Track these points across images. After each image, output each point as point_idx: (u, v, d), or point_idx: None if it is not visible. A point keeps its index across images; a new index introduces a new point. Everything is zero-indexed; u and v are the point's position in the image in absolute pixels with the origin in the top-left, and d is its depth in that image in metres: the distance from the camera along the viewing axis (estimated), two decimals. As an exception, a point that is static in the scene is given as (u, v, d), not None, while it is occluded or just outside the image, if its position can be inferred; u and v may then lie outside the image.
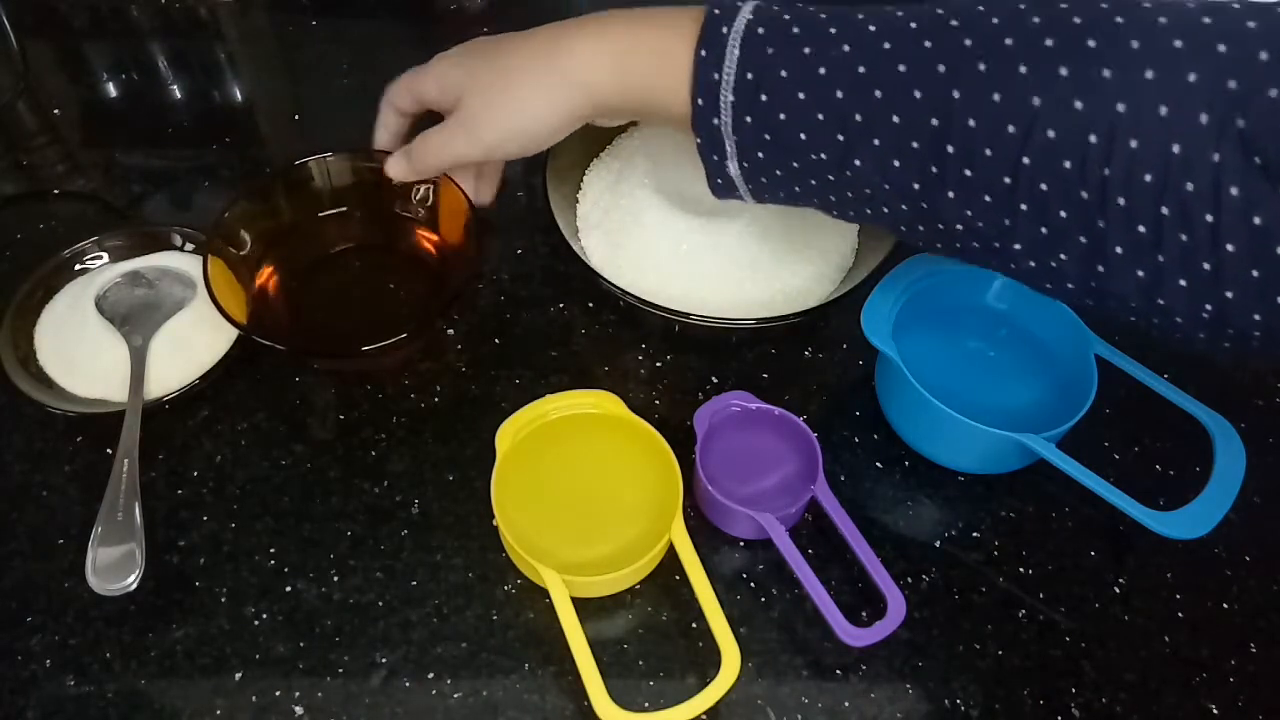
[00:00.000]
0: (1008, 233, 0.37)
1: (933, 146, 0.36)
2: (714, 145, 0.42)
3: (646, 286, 0.53)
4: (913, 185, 0.38)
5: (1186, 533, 0.43)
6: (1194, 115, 0.31)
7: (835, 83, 0.38)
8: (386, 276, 0.57)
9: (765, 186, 0.43)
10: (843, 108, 0.38)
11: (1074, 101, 0.33)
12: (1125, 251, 0.34)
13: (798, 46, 0.39)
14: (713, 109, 0.41)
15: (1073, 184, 0.34)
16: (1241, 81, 0.31)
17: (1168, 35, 0.32)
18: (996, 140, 0.35)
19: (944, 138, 0.36)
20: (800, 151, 0.40)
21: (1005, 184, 0.35)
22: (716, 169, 0.43)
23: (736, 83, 0.40)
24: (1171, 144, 0.32)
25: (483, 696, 0.43)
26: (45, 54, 0.73)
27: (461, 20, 0.77)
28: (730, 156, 0.42)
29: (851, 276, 0.56)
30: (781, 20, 0.40)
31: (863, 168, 0.38)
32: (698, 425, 0.49)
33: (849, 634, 0.43)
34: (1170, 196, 0.32)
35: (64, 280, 0.55)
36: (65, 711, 0.43)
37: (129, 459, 0.47)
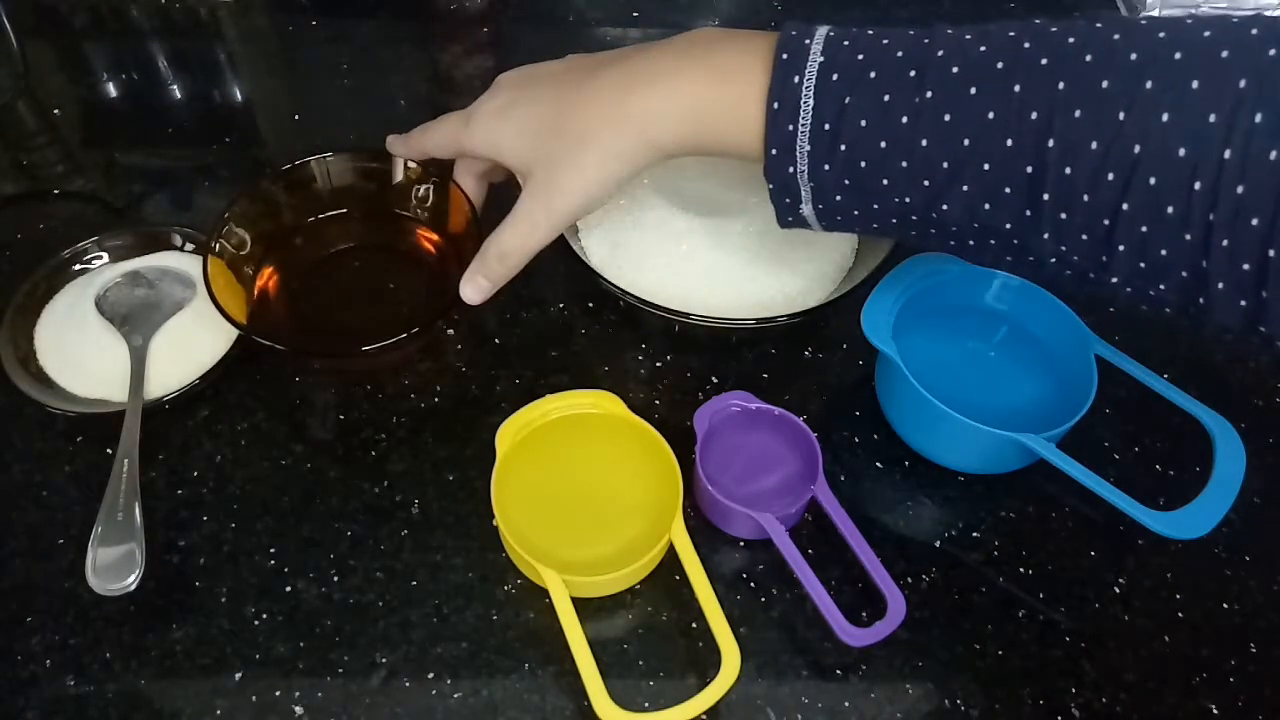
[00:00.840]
0: (1104, 267, 0.36)
1: (1027, 192, 0.35)
2: (788, 191, 0.41)
3: (646, 286, 0.53)
4: (1004, 225, 0.37)
5: (1186, 533, 0.43)
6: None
7: (919, 131, 0.36)
8: (387, 276, 0.57)
9: (841, 223, 0.42)
10: (928, 155, 0.37)
11: (1178, 149, 0.32)
12: (1227, 287, 0.33)
13: (876, 93, 0.37)
14: (788, 159, 0.40)
15: (1175, 228, 0.33)
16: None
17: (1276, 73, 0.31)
18: (1095, 187, 0.34)
19: (1039, 185, 0.35)
20: (882, 195, 0.39)
21: (1104, 226, 0.34)
22: (789, 210, 0.42)
23: (813, 133, 0.38)
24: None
25: (483, 696, 0.43)
26: (45, 54, 0.73)
27: (461, 20, 0.77)
28: (805, 201, 0.41)
29: (851, 276, 0.56)
30: (856, 64, 0.38)
31: (950, 211, 0.37)
32: (698, 425, 0.49)
33: (849, 634, 0.43)
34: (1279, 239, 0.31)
35: (64, 280, 0.55)
36: (65, 711, 0.43)
37: (129, 459, 0.47)
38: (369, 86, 0.71)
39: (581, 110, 0.44)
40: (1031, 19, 0.37)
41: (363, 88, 0.71)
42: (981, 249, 0.39)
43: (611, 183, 0.44)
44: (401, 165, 0.57)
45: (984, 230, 0.38)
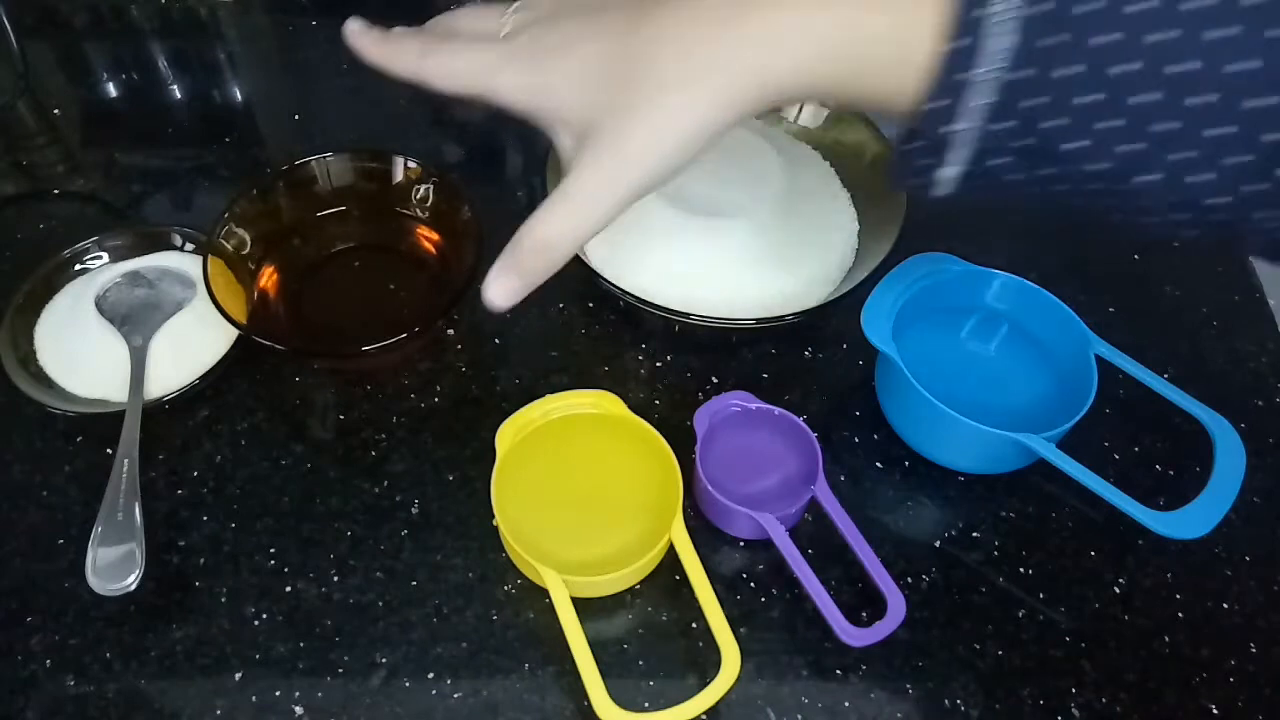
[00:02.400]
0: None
1: (1264, 164, 0.29)
2: (936, 149, 0.32)
3: (646, 286, 0.53)
4: (1215, 200, 0.30)
5: (1186, 533, 0.43)
6: None
7: (1143, 83, 0.29)
8: (387, 276, 0.57)
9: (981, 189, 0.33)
10: (1147, 115, 0.29)
11: None
12: None
13: (1092, 33, 0.29)
14: (954, 113, 0.31)
15: None
16: None
17: None
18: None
19: (1276, 159, 0.28)
20: (1068, 161, 0.31)
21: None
22: (920, 171, 0.33)
23: (1000, 82, 0.30)
24: None
25: (483, 696, 0.43)
26: (45, 54, 0.73)
27: (461, 20, 0.77)
28: (954, 163, 0.32)
29: (851, 276, 0.56)
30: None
31: (1153, 182, 0.31)
32: (698, 425, 0.49)
33: (849, 634, 0.43)
34: None
35: (64, 280, 0.55)
36: (65, 711, 0.43)
37: (129, 459, 0.47)
38: (369, 86, 0.71)
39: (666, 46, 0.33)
40: None
41: (363, 88, 0.71)
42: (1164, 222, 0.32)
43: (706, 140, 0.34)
44: (402, 164, 0.57)
45: (1184, 204, 0.31)
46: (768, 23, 0.32)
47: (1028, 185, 0.33)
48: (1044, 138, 0.31)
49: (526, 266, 0.37)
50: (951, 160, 0.32)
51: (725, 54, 0.33)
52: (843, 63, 0.32)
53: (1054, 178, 0.32)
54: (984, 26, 0.29)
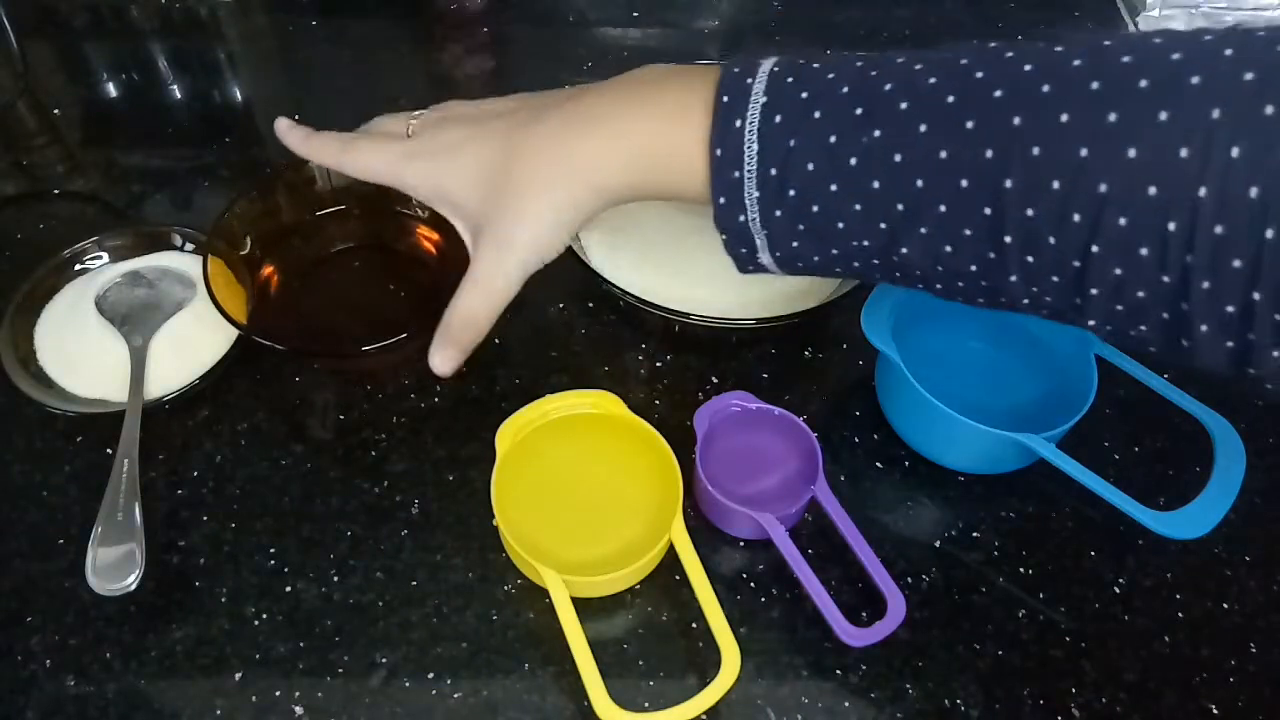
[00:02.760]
0: (1079, 310, 0.33)
1: (989, 235, 0.33)
2: (742, 240, 0.39)
3: (646, 286, 0.53)
4: (969, 268, 0.34)
5: (1186, 533, 0.43)
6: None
7: (869, 173, 0.34)
8: (387, 276, 0.58)
9: (802, 269, 0.40)
10: (881, 197, 0.34)
11: (1148, 188, 0.29)
12: (1211, 330, 0.30)
13: (823, 135, 0.35)
14: (737, 208, 0.37)
15: (1151, 271, 0.30)
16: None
17: (1259, 100, 0.27)
18: (1061, 229, 0.31)
19: (1000, 227, 0.32)
20: (839, 239, 0.37)
21: (1074, 268, 0.32)
22: (747, 259, 0.40)
23: (759, 179, 0.36)
24: (1265, 228, 0.28)
25: (483, 696, 0.43)
26: (45, 54, 0.73)
27: (461, 20, 0.77)
28: (762, 250, 0.39)
29: (851, 276, 0.56)
30: (800, 103, 0.35)
31: (910, 253, 0.35)
32: (698, 425, 0.49)
33: (849, 634, 0.43)
34: (1264, 282, 0.28)
35: (64, 280, 0.55)
36: (65, 711, 0.43)
37: (129, 459, 0.47)
38: (369, 86, 0.71)
39: (528, 159, 0.42)
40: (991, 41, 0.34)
41: (363, 88, 0.71)
42: (951, 291, 0.37)
43: (564, 231, 0.42)
44: None
45: (949, 273, 0.35)
46: (587, 143, 0.40)
47: (830, 263, 0.39)
48: (811, 222, 0.36)
49: (457, 339, 0.45)
50: (760, 247, 0.39)
51: (566, 169, 0.41)
52: (650, 170, 0.40)
53: (841, 255, 0.38)
54: (740, 134, 0.36)
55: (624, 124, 0.40)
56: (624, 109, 0.40)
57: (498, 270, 0.43)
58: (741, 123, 0.36)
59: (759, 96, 0.36)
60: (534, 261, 0.43)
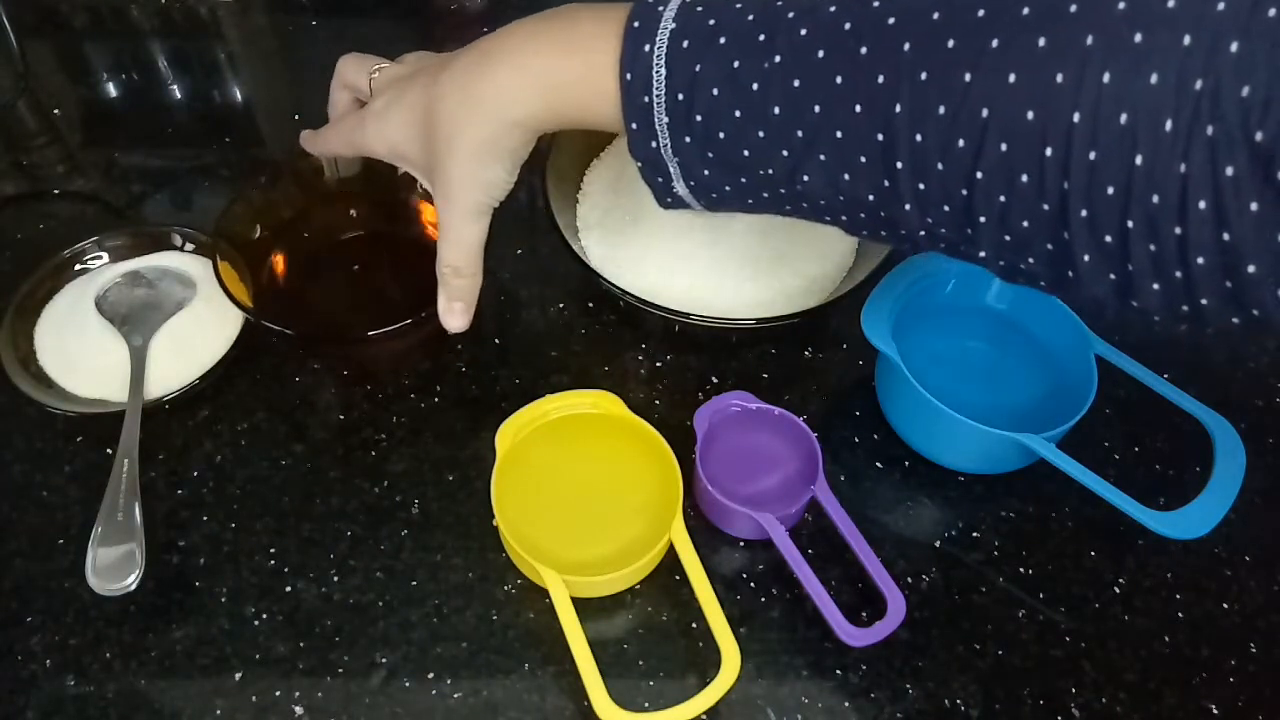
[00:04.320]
0: (971, 240, 0.34)
1: (882, 161, 0.34)
2: (656, 168, 0.39)
3: (646, 286, 0.53)
4: (867, 197, 0.35)
5: (1186, 533, 0.43)
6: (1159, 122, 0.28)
7: (770, 98, 0.35)
8: (393, 264, 0.58)
9: (717, 201, 0.40)
10: (782, 124, 0.35)
11: (1026, 112, 0.30)
12: (1093, 259, 0.32)
13: (726, 59, 0.35)
14: (649, 133, 0.38)
15: (1031, 197, 0.31)
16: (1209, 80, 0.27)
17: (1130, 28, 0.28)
18: (947, 155, 0.32)
19: (892, 153, 0.33)
20: (745, 168, 0.37)
21: (962, 196, 0.33)
22: (663, 190, 0.40)
23: (668, 104, 0.37)
24: (1135, 154, 0.29)
25: (483, 696, 0.43)
26: (45, 54, 0.73)
27: (461, 20, 0.77)
28: (676, 178, 0.39)
29: (851, 276, 0.56)
30: (707, 29, 0.36)
31: (812, 181, 0.36)
32: (698, 425, 0.49)
33: (849, 634, 0.43)
34: (1136, 209, 0.29)
35: (64, 280, 0.55)
36: (65, 711, 0.43)
37: (129, 459, 0.47)
38: (369, 86, 0.71)
39: (443, 104, 0.42)
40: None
41: (363, 88, 0.71)
42: (854, 223, 0.38)
43: (498, 168, 0.42)
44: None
45: (850, 202, 0.36)
46: (495, 77, 0.40)
47: (738, 193, 0.39)
48: (718, 149, 0.37)
49: (455, 289, 0.46)
50: (674, 175, 0.39)
51: (477, 108, 0.41)
52: (561, 98, 0.40)
53: (750, 185, 0.38)
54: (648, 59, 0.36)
55: (530, 56, 0.40)
56: (530, 42, 0.41)
57: (454, 219, 0.44)
58: (650, 47, 0.36)
59: (668, 23, 0.36)
60: (485, 201, 0.44)
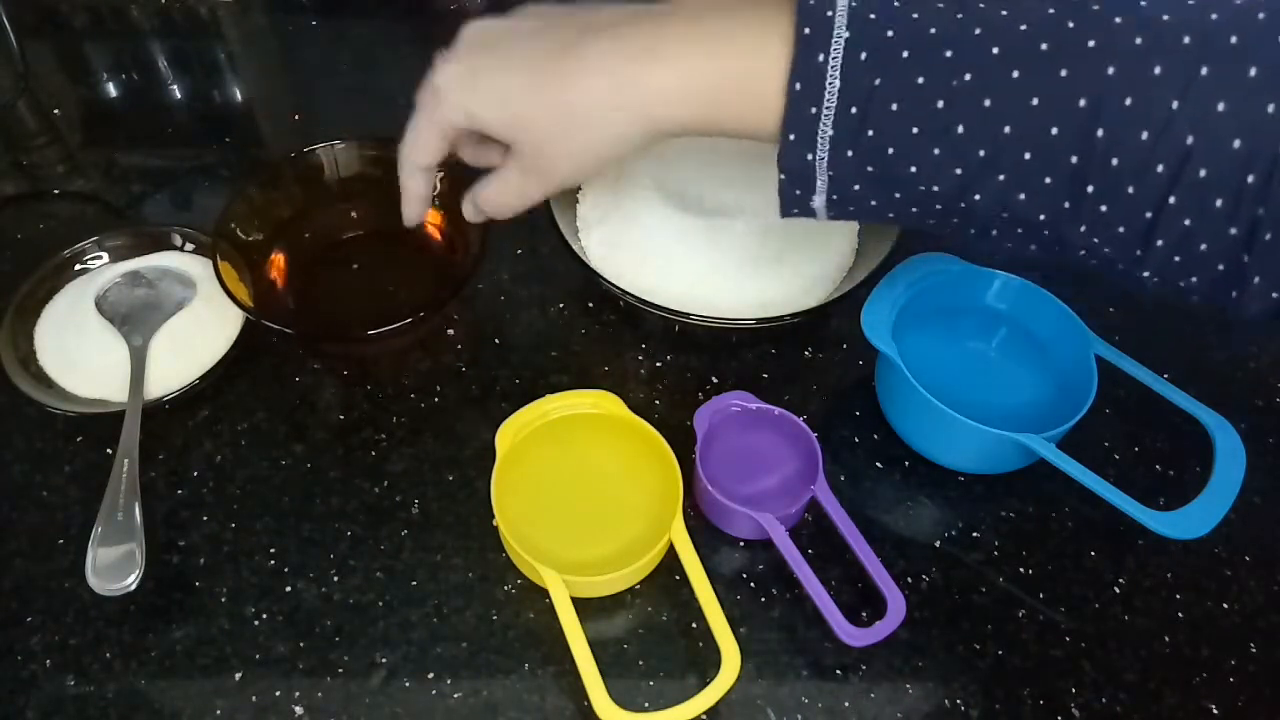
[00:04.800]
0: (1137, 261, 0.34)
1: (1070, 184, 0.33)
2: (801, 180, 0.38)
3: (646, 286, 0.53)
4: (1038, 217, 0.35)
5: (1186, 533, 0.43)
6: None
7: (956, 117, 0.34)
8: (393, 264, 0.58)
9: (853, 214, 0.39)
10: (963, 142, 0.34)
11: (1233, 141, 0.30)
12: (1264, 282, 0.32)
13: (909, 75, 0.34)
14: (806, 145, 0.36)
15: (1221, 222, 0.31)
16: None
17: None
18: (1142, 180, 0.32)
19: (1083, 176, 0.33)
20: (906, 184, 0.36)
21: (1145, 219, 0.33)
22: (797, 201, 0.39)
23: (837, 117, 0.35)
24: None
25: (483, 696, 0.43)
26: (45, 54, 0.73)
27: (461, 20, 0.77)
28: (819, 191, 0.38)
29: (851, 276, 0.56)
30: (886, 41, 0.34)
31: (981, 201, 0.35)
32: (698, 425, 0.49)
33: (849, 634, 0.43)
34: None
35: (64, 280, 0.55)
36: (65, 711, 0.43)
37: (129, 459, 0.47)
38: (369, 86, 0.71)
39: (576, 82, 0.39)
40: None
41: (363, 88, 0.71)
42: (1006, 238, 0.37)
43: (607, 163, 0.42)
44: None
45: (1013, 220, 0.36)
46: (652, 75, 0.38)
47: (886, 208, 0.38)
48: (882, 165, 0.36)
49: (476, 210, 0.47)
50: (817, 188, 0.38)
51: (627, 100, 0.39)
52: (716, 105, 0.38)
53: (903, 200, 0.37)
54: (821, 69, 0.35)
55: (691, 54, 0.38)
56: (691, 36, 0.38)
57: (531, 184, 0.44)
58: (824, 57, 0.35)
59: (842, 31, 0.35)
60: (561, 185, 0.44)
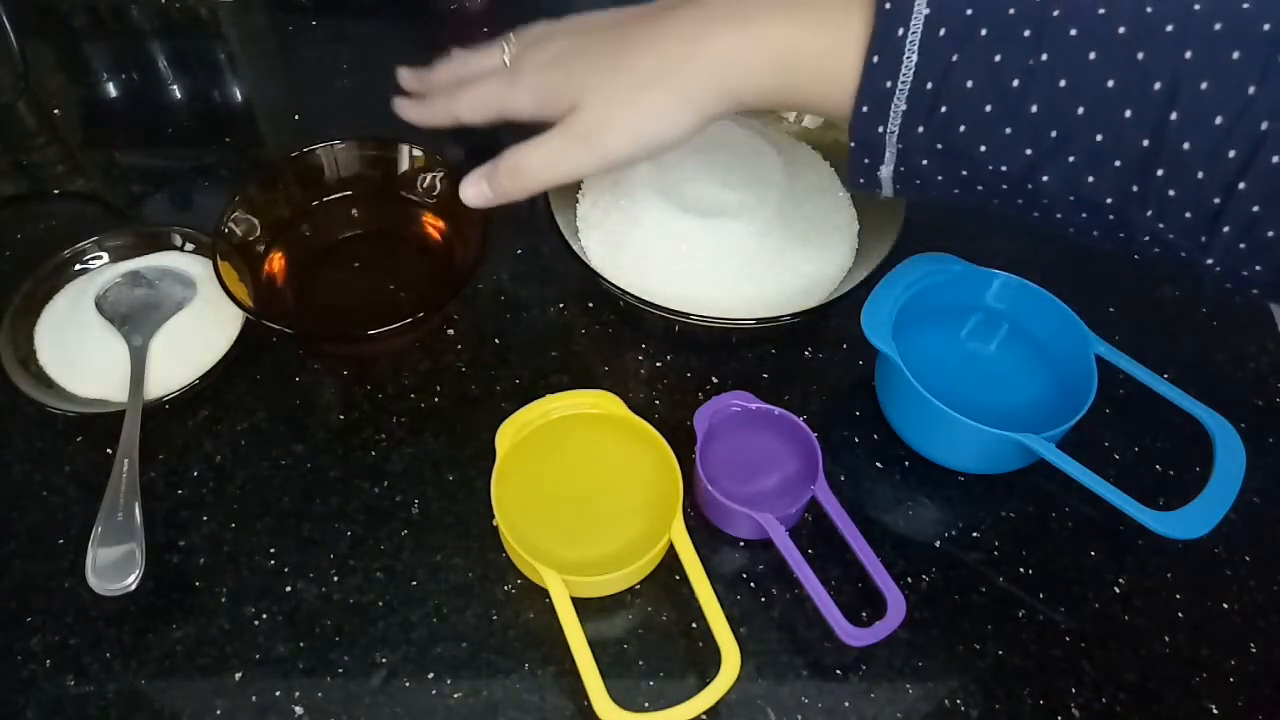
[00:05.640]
0: (1202, 247, 0.34)
1: (1140, 167, 0.33)
2: (870, 150, 0.38)
3: (646, 286, 0.53)
4: (1105, 200, 0.35)
5: (1186, 533, 0.43)
6: None
7: (1030, 96, 0.34)
8: (393, 264, 0.58)
9: (919, 187, 0.39)
10: (1036, 122, 0.34)
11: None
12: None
13: (987, 53, 0.34)
14: (879, 117, 0.37)
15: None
16: None
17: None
18: (1214, 165, 0.32)
19: (1153, 160, 0.33)
20: (976, 163, 0.36)
21: (1214, 204, 0.33)
22: (865, 170, 0.39)
23: (912, 91, 0.36)
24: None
25: (483, 696, 0.43)
26: (45, 54, 0.73)
27: (461, 20, 0.77)
28: (887, 163, 0.38)
29: (851, 276, 0.56)
30: (965, 19, 0.35)
31: (1049, 182, 0.35)
32: (698, 425, 0.49)
33: (849, 634, 0.43)
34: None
35: (64, 280, 0.55)
36: (65, 711, 0.43)
37: (129, 459, 0.47)
38: (369, 86, 0.71)
39: (652, 46, 0.39)
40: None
41: (363, 88, 0.71)
42: (1069, 222, 0.37)
43: (673, 133, 0.40)
44: (408, 152, 0.57)
45: (1080, 203, 0.36)
46: (731, 40, 0.38)
47: (951, 185, 0.38)
48: (953, 141, 0.36)
49: (498, 181, 0.44)
50: (885, 159, 0.38)
51: (700, 64, 0.39)
52: (792, 74, 0.38)
53: (970, 178, 0.37)
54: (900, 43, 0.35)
55: (772, 23, 0.38)
56: (777, 12, 0.38)
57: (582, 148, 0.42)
58: (904, 31, 0.35)
59: (922, 8, 0.35)
60: (624, 155, 0.42)
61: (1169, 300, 0.59)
